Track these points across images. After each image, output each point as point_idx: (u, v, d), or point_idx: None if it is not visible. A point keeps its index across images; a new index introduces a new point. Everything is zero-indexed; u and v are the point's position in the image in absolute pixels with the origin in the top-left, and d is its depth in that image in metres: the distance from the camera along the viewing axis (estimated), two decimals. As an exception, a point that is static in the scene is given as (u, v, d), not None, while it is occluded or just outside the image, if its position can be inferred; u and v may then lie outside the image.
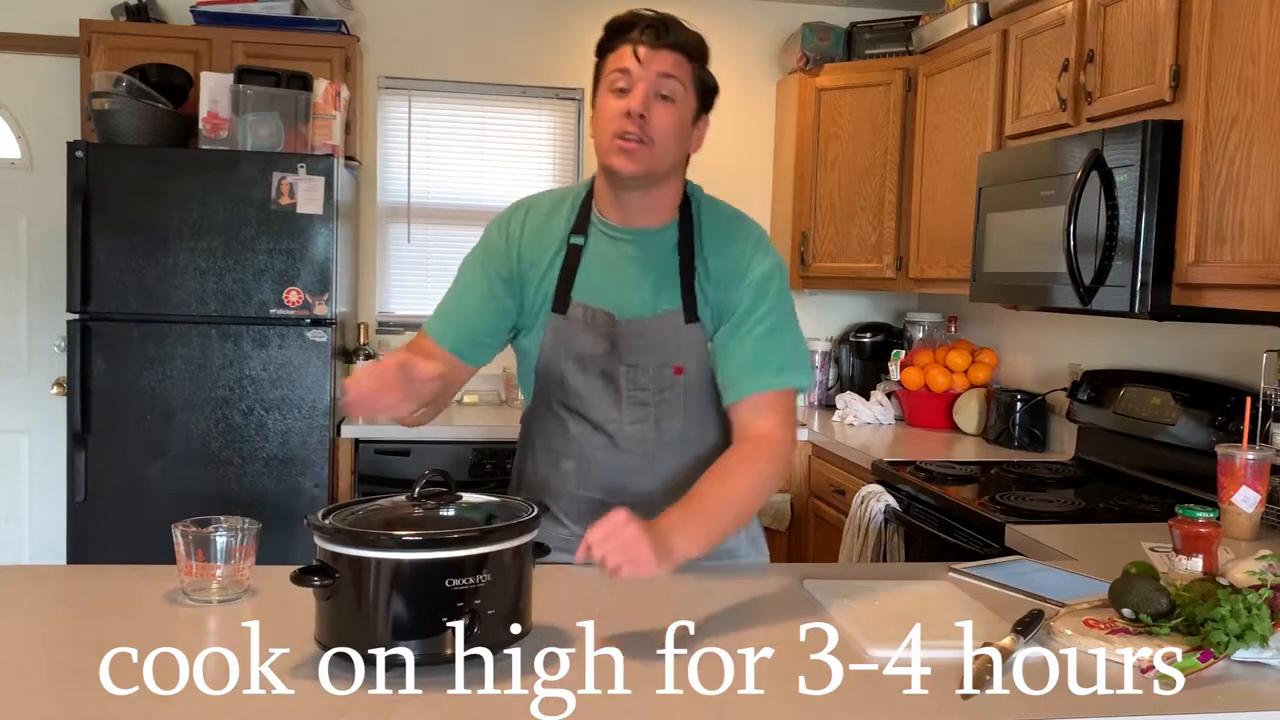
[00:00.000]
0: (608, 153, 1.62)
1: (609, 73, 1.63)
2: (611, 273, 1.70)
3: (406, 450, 3.40)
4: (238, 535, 1.46)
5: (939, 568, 1.74)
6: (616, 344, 1.69)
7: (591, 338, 1.69)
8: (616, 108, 1.61)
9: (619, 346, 1.69)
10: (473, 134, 4.08)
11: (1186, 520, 1.62)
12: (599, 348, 1.69)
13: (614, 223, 1.71)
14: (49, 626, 1.39)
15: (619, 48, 1.63)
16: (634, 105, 1.59)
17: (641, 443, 1.73)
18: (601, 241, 1.71)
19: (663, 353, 1.69)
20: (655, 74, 1.61)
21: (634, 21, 1.63)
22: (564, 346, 1.70)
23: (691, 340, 1.69)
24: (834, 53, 3.94)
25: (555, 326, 1.70)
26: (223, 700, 1.15)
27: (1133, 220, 2.29)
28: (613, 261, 1.70)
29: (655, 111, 1.61)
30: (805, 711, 1.17)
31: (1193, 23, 2.21)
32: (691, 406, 1.73)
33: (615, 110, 1.61)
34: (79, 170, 3.10)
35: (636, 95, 1.59)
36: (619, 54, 1.62)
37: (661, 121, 1.61)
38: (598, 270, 1.70)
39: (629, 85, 1.61)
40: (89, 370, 3.16)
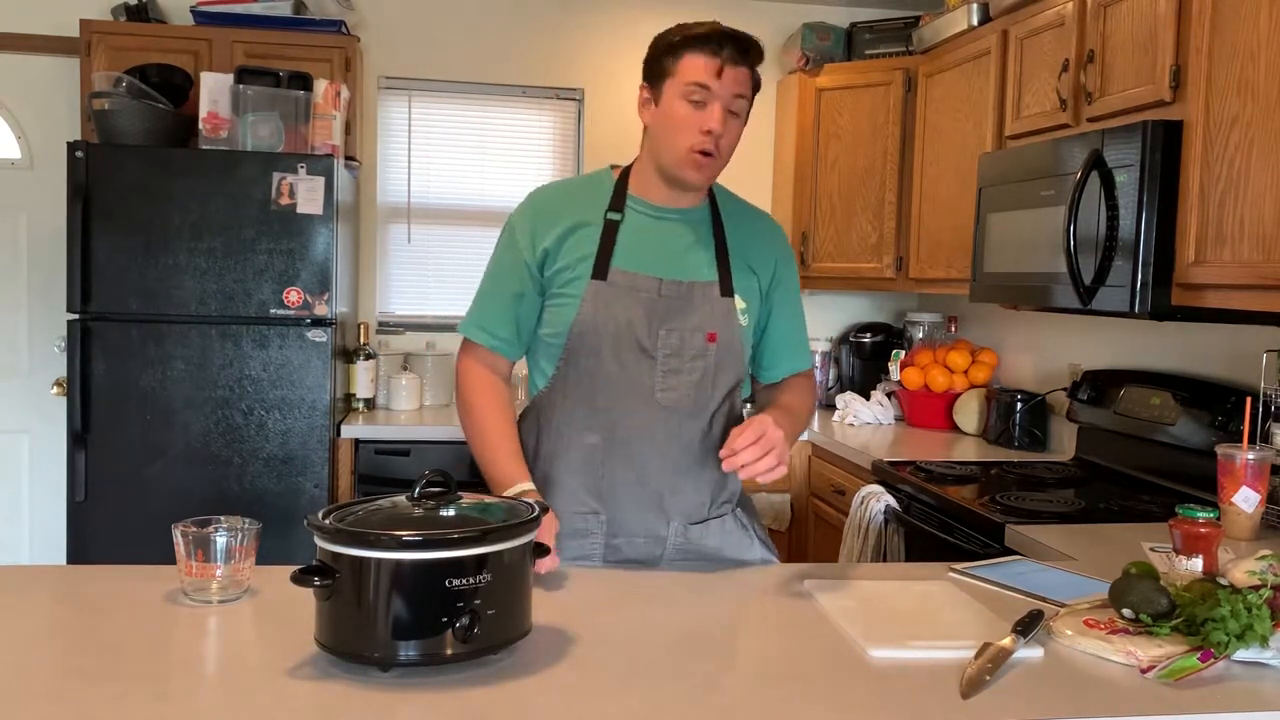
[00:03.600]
0: (681, 164, 1.72)
1: (686, 81, 1.69)
2: (652, 244, 1.77)
3: (406, 450, 3.40)
4: (238, 535, 1.47)
5: (939, 568, 1.74)
6: (656, 308, 1.74)
7: (631, 301, 1.73)
8: (694, 121, 1.69)
9: (658, 310, 1.74)
10: (473, 134, 4.08)
11: (1186, 520, 1.62)
12: (638, 311, 1.73)
13: (656, 203, 1.79)
14: (49, 626, 1.39)
15: (699, 58, 1.68)
16: (716, 126, 1.69)
17: (673, 412, 1.76)
18: (640, 219, 1.79)
19: (698, 318, 1.76)
20: (732, 93, 1.70)
21: (718, 36, 1.69)
22: (604, 311, 1.73)
23: (725, 311, 1.78)
24: (834, 53, 3.94)
25: (595, 292, 1.73)
26: (223, 700, 1.15)
27: (1133, 220, 2.29)
28: (654, 234, 1.78)
29: (727, 128, 1.71)
30: (805, 712, 1.17)
31: (1193, 23, 2.21)
32: (720, 376, 1.79)
33: (693, 124, 1.69)
34: (79, 170, 3.10)
35: (716, 115, 1.68)
36: (699, 65, 1.68)
37: (731, 138, 1.73)
38: (639, 242, 1.77)
39: (706, 100, 1.68)
40: (89, 370, 3.16)
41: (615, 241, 1.75)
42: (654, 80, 1.74)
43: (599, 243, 1.75)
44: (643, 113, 1.77)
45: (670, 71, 1.70)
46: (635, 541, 1.78)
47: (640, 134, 1.82)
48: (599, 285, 1.73)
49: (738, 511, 1.88)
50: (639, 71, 1.80)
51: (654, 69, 1.74)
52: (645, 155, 1.79)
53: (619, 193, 1.79)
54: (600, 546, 1.78)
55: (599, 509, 1.77)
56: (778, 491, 3.56)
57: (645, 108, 1.77)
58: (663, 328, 1.74)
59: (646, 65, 1.76)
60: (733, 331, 1.78)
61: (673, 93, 1.70)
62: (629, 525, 1.78)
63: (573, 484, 1.78)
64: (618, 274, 1.73)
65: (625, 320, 1.73)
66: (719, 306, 1.77)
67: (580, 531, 1.77)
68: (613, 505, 1.77)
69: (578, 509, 1.77)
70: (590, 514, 1.77)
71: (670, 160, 1.73)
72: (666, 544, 1.79)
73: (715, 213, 1.84)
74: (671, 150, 1.72)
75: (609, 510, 1.77)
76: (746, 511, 1.91)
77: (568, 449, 1.78)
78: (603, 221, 1.76)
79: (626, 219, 1.78)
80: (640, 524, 1.78)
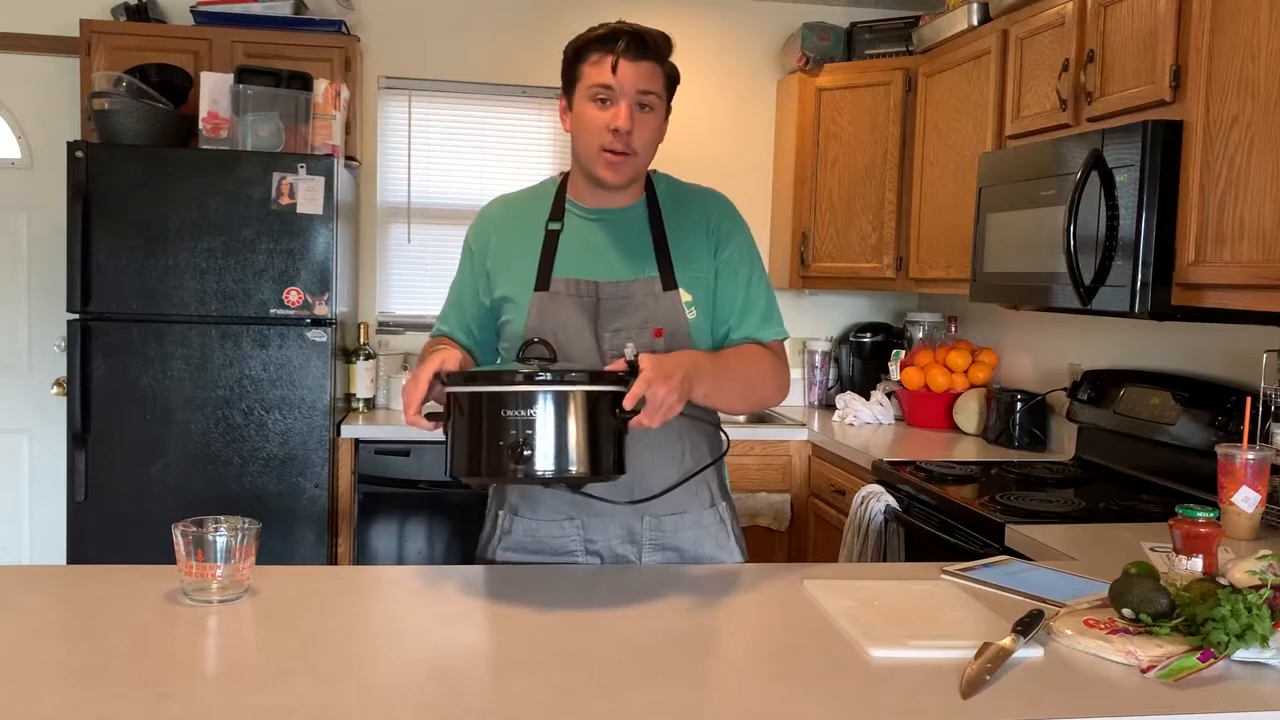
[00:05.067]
0: (594, 164, 1.74)
1: (590, 84, 1.71)
2: (590, 249, 1.79)
3: (406, 450, 3.40)
4: (238, 535, 1.47)
5: (938, 568, 1.74)
6: (599, 310, 1.76)
7: (575, 308, 1.76)
8: (600, 120, 1.70)
9: (601, 312, 1.76)
10: (473, 134, 4.08)
11: (1186, 520, 1.62)
12: (582, 316, 1.76)
13: (590, 206, 1.82)
14: (49, 626, 1.39)
15: (599, 58, 1.71)
16: (622, 124, 1.69)
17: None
18: (579, 223, 1.81)
19: (642, 315, 1.76)
20: (635, 90, 1.70)
21: (614, 35, 1.71)
22: (549, 320, 1.76)
23: (669, 305, 1.77)
24: (834, 53, 3.94)
25: (539, 302, 1.76)
26: (223, 700, 1.15)
27: (1133, 220, 2.29)
28: (591, 239, 1.80)
29: (637, 124, 1.71)
30: (805, 711, 1.17)
31: (1193, 23, 2.21)
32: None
33: (599, 123, 1.71)
34: (79, 170, 3.10)
35: (623, 113, 1.69)
36: (599, 67, 1.70)
37: (644, 133, 1.73)
38: (577, 248, 1.79)
39: (610, 99, 1.70)
40: (89, 370, 3.16)
41: (556, 250, 1.78)
42: (567, 87, 1.77)
43: (540, 254, 1.78)
44: (564, 120, 1.80)
45: (577, 76, 1.74)
46: (612, 542, 1.79)
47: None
48: (541, 296, 1.76)
49: (720, 506, 1.88)
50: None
51: (565, 77, 1.77)
52: (573, 160, 1.82)
53: (559, 200, 1.83)
54: (580, 551, 1.79)
55: (573, 514, 1.78)
56: (777, 491, 3.56)
57: (564, 116, 1.79)
58: (607, 330, 1.75)
59: (562, 76, 1.78)
60: (679, 324, 1.77)
61: (581, 96, 1.73)
62: (605, 527, 1.78)
63: (544, 494, 1.79)
64: (559, 282, 1.76)
65: (572, 326, 1.75)
66: (663, 301, 1.77)
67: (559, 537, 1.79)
68: (585, 509, 1.77)
69: (553, 517, 1.79)
70: (565, 520, 1.79)
71: (584, 157, 1.76)
72: (641, 539, 1.79)
73: (653, 207, 1.83)
74: (586, 151, 1.74)
75: (582, 514, 1.78)
76: (731, 509, 1.91)
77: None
78: (545, 230, 1.80)
79: (566, 225, 1.81)
80: (615, 523, 1.78)
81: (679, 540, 1.82)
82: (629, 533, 1.79)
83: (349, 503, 3.38)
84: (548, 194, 1.85)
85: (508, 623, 1.44)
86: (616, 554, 1.79)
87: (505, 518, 1.83)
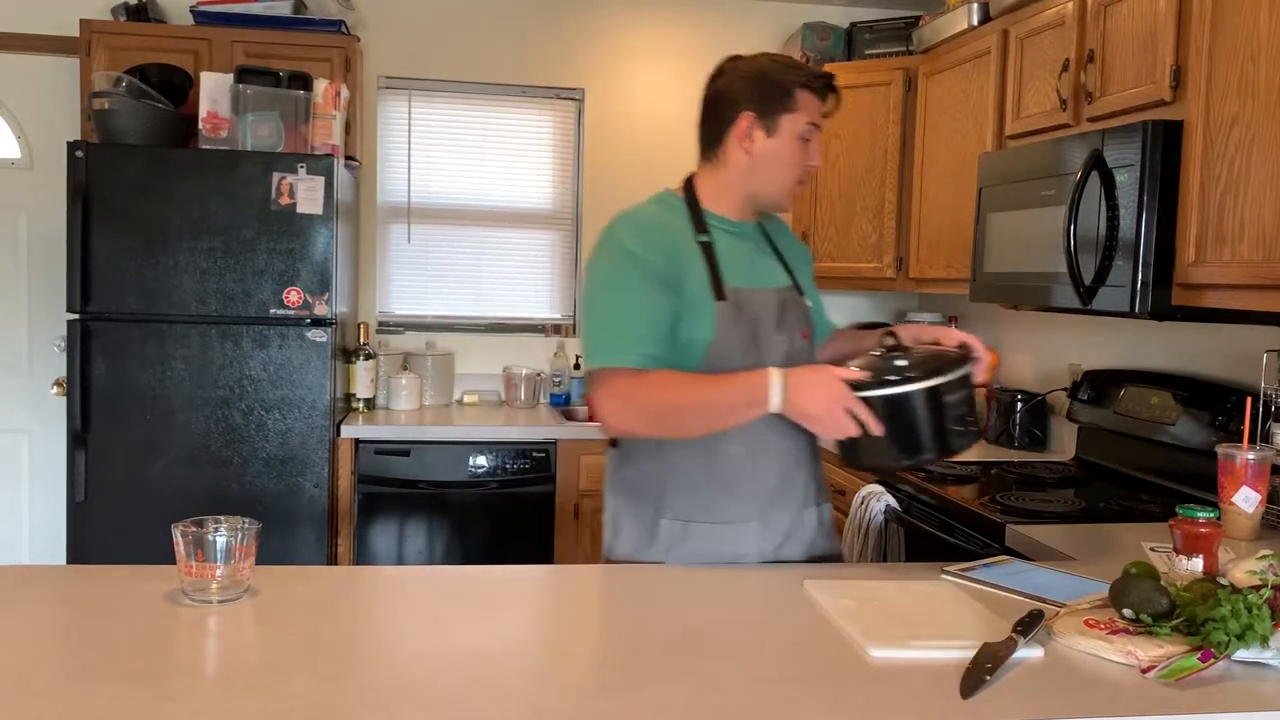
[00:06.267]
0: (786, 195, 1.84)
1: (805, 121, 1.80)
2: (741, 260, 1.84)
3: (406, 450, 3.40)
4: (238, 535, 1.46)
5: (938, 568, 1.74)
6: (770, 318, 1.82)
7: (751, 315, 1.80)
8: (802, 157, 1.81)
9: (768, 318, 1.82)
10: (473, 134, 4.08)
11: (1187, 520, 1.62)
12: (756, 323, 1.81)
13: (734, 219, 1.86)
14: (49, 626, 1.39)
15: (816, 99, 1.80)
16: (820, 163, 1.85)
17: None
18: (724, 236, 1.84)
19: (794, 319, 1.86)
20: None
21: (831, 81, 1.82)
22: (732, 329, 1.78)
23: (803, 309, 1.89)
24: (834, 53, 3.94)
25: (721, 312, 1.77)
26: (223, 700, 1.15)
27: (1133, 220, 2.29)
28: (741, 250, 1.85)
29: None
30: (805, 712, 1.16)
31: (1193, 23, 2.21)
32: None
33: (801, 159, 1.81)
34: (79, 170, 3.10)
35: (819, 152, 1.84)
36: (816, 105, 1.80)
37: None
38: (731, 260, 1.82)
39: (812, 138, 1.82)
40: (89, 370, 3.16)
41: (718, 262, 1.80)
42: (770, 111, 1.79)
43: (705, 265, 1.78)
44: (744, 141, 1.80)
45: (789, 107, 1.78)
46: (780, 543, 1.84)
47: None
48: (722, 305, 1.77)
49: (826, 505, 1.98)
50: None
51: (769, 102, 1.79)
52: (729, 177, 1.83)
53: (696, 214, 1.83)
54: (754, 554, 1.81)
55: (750, 518, 1.81)
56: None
57: (748, 138, 1.80)
58: (776, 335, 1.82)
59: (758, 96, 1.79)
60: (810, 327, 1.91)
61: (790, 130, 1.79)
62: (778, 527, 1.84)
63: (723, 499, 1.79)
64: (732, 291, 1.79)
65: (750, 335, 1.79)
66: (799, 305, 1.88)
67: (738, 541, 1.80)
68: (765, 511, 1.82)
69: (731, 521, 1.80)
70: (743, 524, 1.81)
71: (772, 189, 1.82)
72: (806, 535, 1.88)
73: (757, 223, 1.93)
74: (776, 181, 1.81)
75: (759, 517, 1.81)
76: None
77: (714, 464, 1.79)
78: (696, 244, 1.80)
79: (714, 239, 1.82)
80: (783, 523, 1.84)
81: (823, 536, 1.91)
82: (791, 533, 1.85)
83: (349, 503, 3.38)
84: (676, 208, 1.84)
85: (508, 623, 1.44)
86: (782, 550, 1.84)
87: (673, 526, 1.79)
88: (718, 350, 1.76)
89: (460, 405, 3.94)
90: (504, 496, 3.46)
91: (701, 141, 1.87)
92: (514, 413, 3.82)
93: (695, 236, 1.80)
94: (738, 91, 1.80)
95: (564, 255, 4.16)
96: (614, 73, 4.07)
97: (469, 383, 4.05)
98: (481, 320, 4.12)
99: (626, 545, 1.83)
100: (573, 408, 4.00)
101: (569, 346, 4.13)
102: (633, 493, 1.84)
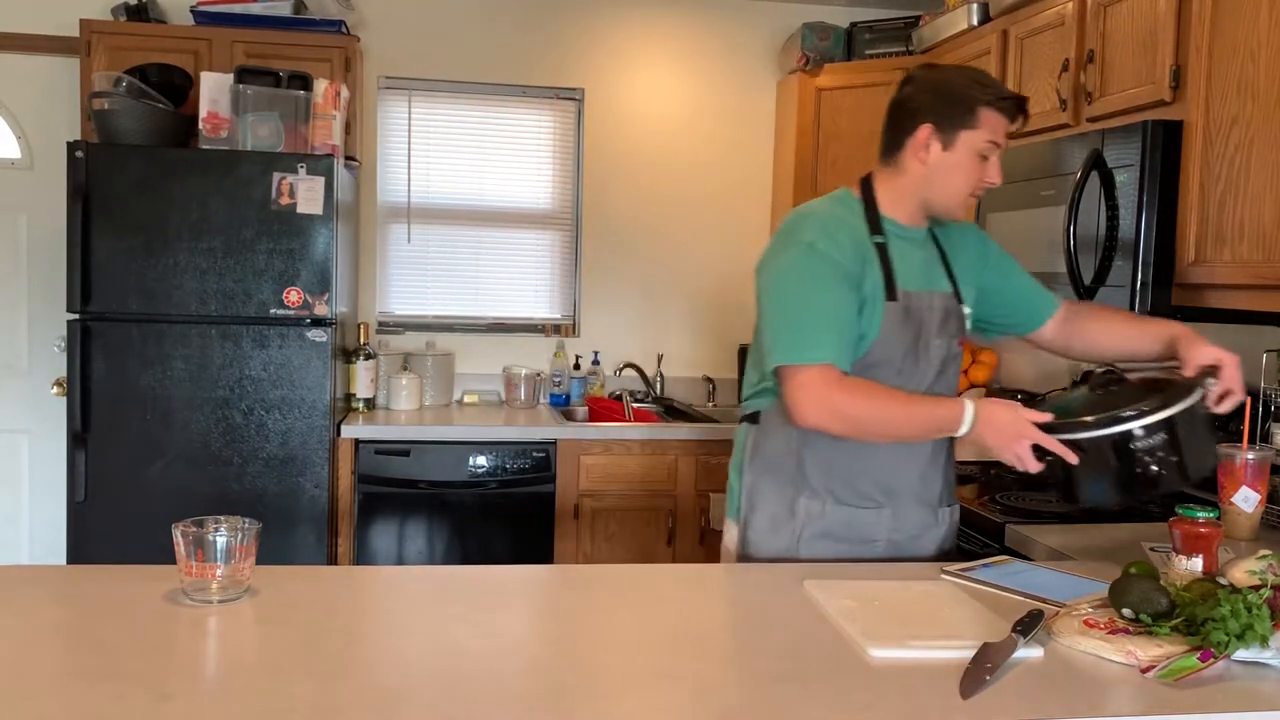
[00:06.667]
0: (958, 206, 1.86)
1: (987, 139, 1.81)
2: (910, 263, 1.88)
3: (406, 450, 3.40)
4: (238, 535, 1.47)
5: (938, 568, 1.74)
6: (932, 321, 1.87)
7: (917, 318, 1.85)
8: (979, 172, 1.83)
9: (931, 322, 1.87)
10: (473, 134, 4.08)
11: (1186, 520, 1.62)
12: (921, 326, 1.85)
13: (905, 224, 1.90)
14: (49, 626, 1.39)
15: (1002, 118, 1.81)
16: (999, 180, 1.85)
17: None
18: (896, 241, 1.88)
19: (953, 325, 1.91)
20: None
21: (1020, 101, 1.83)
22: (899, 330, 1.83)
23: (960, 316, 1.93)
24: (834, 53, 3.94)
25: (890, 312, 1.83)
26: (223, 700, 1.15)
27: (1133, 220, 2.29)
28: (912, 254, 1.89)
29: None
30: (805, 712, 1.17)
31: (1193, 23, 2.21)
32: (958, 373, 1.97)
33: (977, 174, 1.83)
34: (79, 170, 3.10)
35: (999, 169, 1.85)
36: (1001, 125, 1.82)
37: None
38: (904, 262, 1.87)
39: (992, 155, 1.83)
40: (89, 370, 3.16)
41: (892, 263, 1.84)
42: (949, 125, 1.81)
43: (879, 265, 1.83)
44: (920, 151, 1.83)
45: (969, 124, 1.80)
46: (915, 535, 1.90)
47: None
48: (892, 306, 1.82)
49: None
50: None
51: (950, 117, 1.81)
52: (904, 184, 1.87)
53: (873, 215, 1.87)
54: (883, 541, 1.88)
55: (883, 502, 1.87)
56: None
57: (924, 149, 1.83)
58: (936, 339, 1.87)
59: (939, 109, 1.81)
60: (964, 334, 1.94)
61: (970, 145, 1.81)
62: (909, 516, 1.90)
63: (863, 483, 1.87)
64: (903, 294, 1.84)
65: (913, 336, 1.85)
66: (959, 312, 1.92)
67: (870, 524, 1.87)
68: (894, 498, 1.87)
69: (866, 504, 1.88)
70: (877, 508, 1.87)
71: (944, 200, 1.85)
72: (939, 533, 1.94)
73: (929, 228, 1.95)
74: (951, 192, 1.84)
75: (891, 503, 1.88)
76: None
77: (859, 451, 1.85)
78: (872, 244, 1.84)
79: (888, 240, 1.86)
80: (917, 516, 1.91)
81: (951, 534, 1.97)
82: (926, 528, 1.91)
83: (349, 503, 3.38)
84: (853, 208, 1.89)
85: (508, 623, 1.44)
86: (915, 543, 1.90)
87: (811, 503, 1.87)
88: (881, 347, 1.83)
89: (460, 405, 3.94)
90: (504, 496, 3.46)
91: (882, 145, 1.92)
92: (514, 413, 3.82)
93: (871, 237, 1.85)
94: (920, 103, 1.84)
95: (564, 255, 4.16)
96: (614, 73, 4.07)
97: (469, 383, 4.05)
98: (481, 320, 4.12)
99: (763, 519, 1.90)
100: (572, 408, 4.00)
101: (569, 346, 4.13)
102: (773, 469, 1.90)
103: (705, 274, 4.22)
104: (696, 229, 4.19)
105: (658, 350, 4.19)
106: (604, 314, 4.18)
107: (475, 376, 4.07)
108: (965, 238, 2.00)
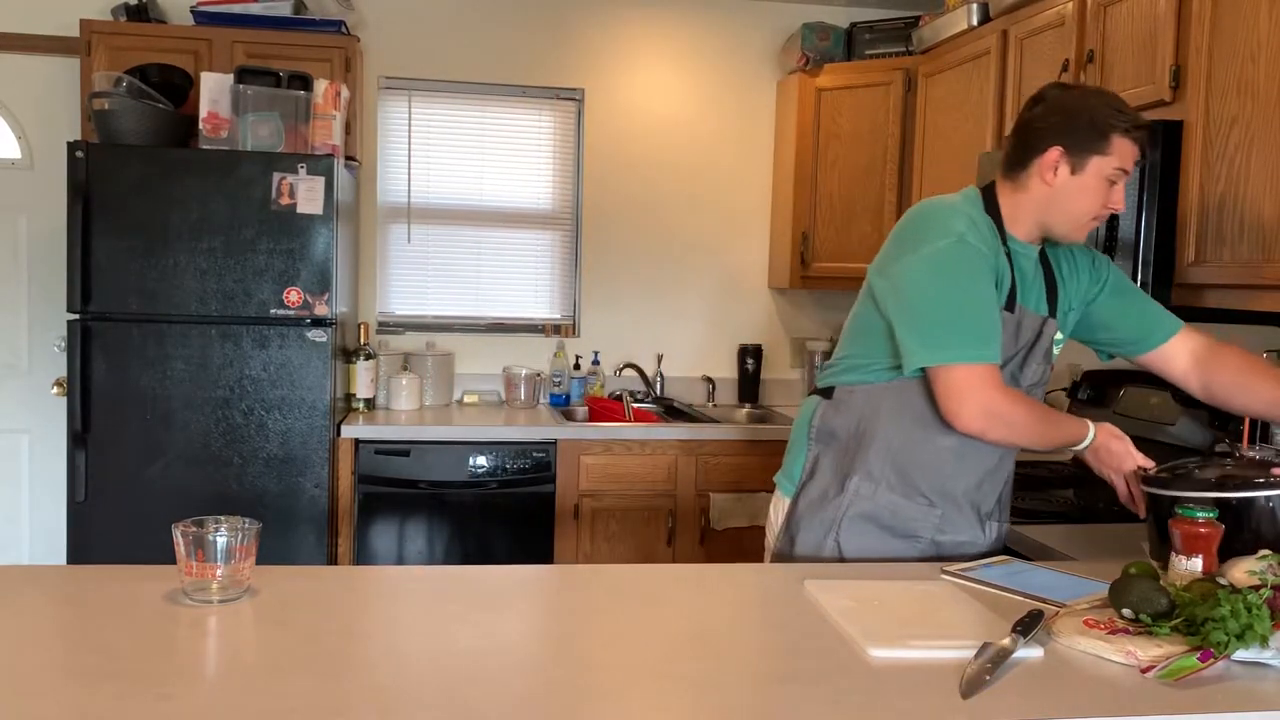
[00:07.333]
0: (1078, 230, 1.83)
1: (1117, 165, 1.78)
2: (1027, 280, 1.87)
3: (406, 450, 3.40)
4: (238, 535, 1.47)
5: (938, 568, 1.74)
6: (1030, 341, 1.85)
7: (1024, 335, 1.85)
8: (1103, 197, 1.80)
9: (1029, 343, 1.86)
10: (473, 134, 4.08)
11: (1186, 520, 1.62)
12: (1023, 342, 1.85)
13: (1023, 240, 1.88)
14: (49, 626, 1.39)
15: (1133, 147, 1.78)
16: (1123, 207, 1.83)
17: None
18: (1015, 255, 1.86)
19: (1044, 346, 1.88)
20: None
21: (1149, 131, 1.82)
22: (1011, 340, 1.82)
23: (1050, 340, 1.90)
24: (834, 53, 3.94)
25: (1007, 322, 1.82)
26: (223, 700, 1.15)
27: (1133, 220, 2.29)
28: (1025, 271, 1.88)
29: None
30: (805, 712, 1.17)
31: (1193, 23, 2.21)
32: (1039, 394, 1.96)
33: (1101, 199, 1.80)
34: (79, 170, 3.10)
35: (1123, 196, 1.82)
36: (1133, 154, 1.79)
37: None
38: (1020, 277, 1.86)
39: (1119, 181, 1.79)
40: (89, 370, 3.16)
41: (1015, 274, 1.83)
42: (1080, 149, 1.78)
43: (1010, 274, 1.81)
44: (1047, 172, 1.80)
45: (1100, 150, 1.77)
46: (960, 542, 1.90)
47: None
48: (1009, 317, 1.81)
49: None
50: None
51: (1082, 141, 1.78)
52: (1026, 202, 1.84)
53: (999, 225, 1.85)
54: (928, 540, 1.88)
55: (935, 502, 1.87)
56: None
57: (1052, 171, 1.80)
58: (1031, 360, 1.86)
59: (1071, 133, 1.78)
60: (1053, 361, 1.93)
61: (1100, 170, 1.78)
62: (957, 523, 1.89)
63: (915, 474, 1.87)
64: (1019, 308, 1.83)
65: (1016, 353, 1.84)
66: (1052, 335, 1.89)
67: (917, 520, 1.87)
68: (951, 505, 1.88)
69: (918, 500, 1.87)
70: (929, 506, 1.87)
71: (1065, 223, 1.82)
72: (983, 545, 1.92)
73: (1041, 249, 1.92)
74: (1073, 215, 1.81)
75: (945, 508, 1.87)
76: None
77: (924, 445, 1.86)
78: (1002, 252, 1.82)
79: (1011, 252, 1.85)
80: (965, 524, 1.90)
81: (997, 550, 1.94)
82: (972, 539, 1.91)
83: (349, 503, 3.38)
84: (980, 214, 1.85)
85: (508, 623, 1.44)
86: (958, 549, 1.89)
87: (864, 484, 1.87)
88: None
89: (460, 405, 3.94)
90: (504, 496, 3.46)
91: (1007, 159, 1.87)
92: (514, 413, 3.82)
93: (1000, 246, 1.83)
94: (1052, 124, 1.79)
95: (564, 255, 4.16)
96: (614, 73, 4.07)
97: (469, 383, 4.05)
98: (481, 320, 4.12)
99: (815, 490, 1.92)
100: (572, 408, 4.00)
101: (569, 346, 4.13)
102: (838, 445, 1.91)
103: (705, 274, 4.22)
104: (696, 229, 4.20)
105: (658, 350, 4.20)
106: (604, 314, 4.18)
107: (475, 376, 4.07)
108: (1078, 260, 1.96)
